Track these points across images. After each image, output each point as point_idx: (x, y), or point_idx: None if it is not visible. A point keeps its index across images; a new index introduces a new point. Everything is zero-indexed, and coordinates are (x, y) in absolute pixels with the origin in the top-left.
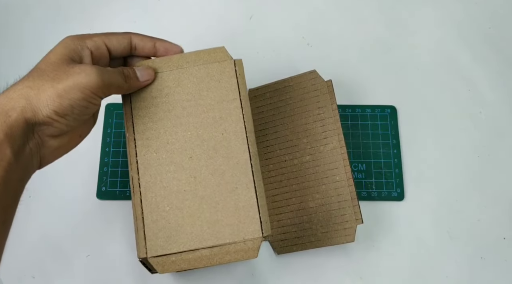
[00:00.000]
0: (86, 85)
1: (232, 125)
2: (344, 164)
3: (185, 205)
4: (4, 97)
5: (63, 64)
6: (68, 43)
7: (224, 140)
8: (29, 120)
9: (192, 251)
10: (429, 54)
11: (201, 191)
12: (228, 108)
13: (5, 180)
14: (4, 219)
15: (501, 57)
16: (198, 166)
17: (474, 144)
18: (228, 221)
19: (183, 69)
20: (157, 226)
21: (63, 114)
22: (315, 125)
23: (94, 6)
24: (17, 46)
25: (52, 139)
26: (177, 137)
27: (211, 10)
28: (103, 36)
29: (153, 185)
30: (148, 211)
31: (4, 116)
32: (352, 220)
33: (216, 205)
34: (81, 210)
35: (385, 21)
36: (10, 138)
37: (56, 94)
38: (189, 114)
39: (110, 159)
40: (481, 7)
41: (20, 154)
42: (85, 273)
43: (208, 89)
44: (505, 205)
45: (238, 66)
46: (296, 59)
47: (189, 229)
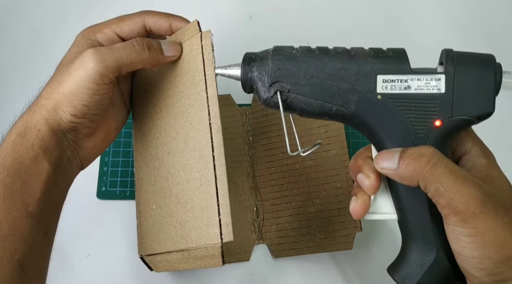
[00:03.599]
0: (89, 80)
1: (198, 112)
2: (346, 171)
3: (165, 203)
4: (29, 112)
5: (68, 63)
6: (79, 40)
7: (192, 130)
8: (56, 130)
9: (169, 253)
10: (429, 54)
11: (175, 189)
12: (195, 92)
13: (46, 192)
14: (46, 230)
15: (501, 57)
16: (174, 161)
17: None
18: (194, 223)
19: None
20: (148, 225)
21: (82, 115)
22: (319, 130)
23: (94, 6)
24: (16, 46)
25: (87, 140)
26: (160, 131)
27: (211, 9)
28: (114, 25)
29: (145, 182)
30: (142, 209)
31: (35, 131)
32: (351, 227)
33: (186, 205)
34: (81, 210)
35: (385, 20)
36: (46, 151)
37: (65, 98)
38: (168, 105)
39: (110, 159)
40: (481, 7)
41: (58, 164)
42: (85, 273)
43: (181, 74)
44: None
45: (204, 39)
46: None
47: (167, 229)
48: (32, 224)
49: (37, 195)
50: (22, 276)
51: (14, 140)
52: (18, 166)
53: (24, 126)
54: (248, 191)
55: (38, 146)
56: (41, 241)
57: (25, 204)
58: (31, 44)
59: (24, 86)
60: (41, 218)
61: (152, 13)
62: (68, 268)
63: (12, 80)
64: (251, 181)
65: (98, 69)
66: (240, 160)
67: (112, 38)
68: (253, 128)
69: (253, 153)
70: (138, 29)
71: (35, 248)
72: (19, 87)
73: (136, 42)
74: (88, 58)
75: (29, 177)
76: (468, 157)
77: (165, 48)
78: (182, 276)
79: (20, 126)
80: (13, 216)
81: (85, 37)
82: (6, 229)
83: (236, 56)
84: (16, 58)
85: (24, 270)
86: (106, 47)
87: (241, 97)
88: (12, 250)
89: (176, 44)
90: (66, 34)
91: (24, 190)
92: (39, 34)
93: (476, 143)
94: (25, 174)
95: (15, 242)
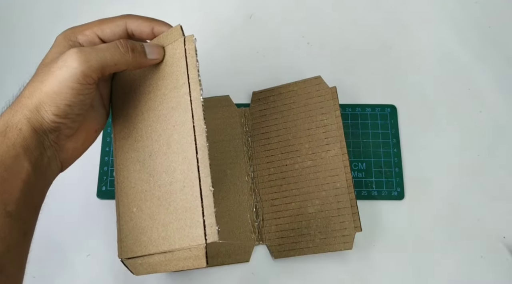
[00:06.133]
0: (72, 79)
1: (181, 115)
2: (345, 171)
3: (146, 206)
4: (10, 111)
5: (51, 62)
6: (60, 41)
7: (175, 132)
8: (38, 129)
9: (151, 256)
10: (429, 54)
11: (157, 191)
12: (178, 95)
13: (25, 192)
14: (24, 230)
15: (501, 56)
16: (155, 163)
17: (474, 143)
18: (177, 224)
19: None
20: (128, 228)
21: (64, 115)
22: (318, 131)
23: (94, 7)
24: (16, 46)
25: (68, 141)
26: (141, 133)
27: (211, 9)
28: (96, 27)
29: (125, 185)
30: (123, 212)
31: (16, 130)
32: (351, 227)
33: (168, 207)
34: (81, 209)
35: (385, 20)
36: (26, 151)
37: (48, 98)
38: (149, 108)
39: (110, 159)
40: (481, 6)
41: (38, 164)
42: (85, 273)
43: (163, 77)
44: (505, 204)
45: (188, 43)
46: (296, 58)
47: (149, 232)
48: (11, 223)
49: (16, 195)
50: (0, 276)
51: None
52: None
53: (5, 125)
54: (247, 192)
55: (19, 145)
56: (19, 241)
57: (4, 203)
58: (29, 44)
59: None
60: (20, 218)
61: (134, 17)
62: (68, 268)
63: (9, 80)
64: (250, 182)
65: (82, 69)
66: (239, 161)
67: (93, 40)
68: (252, 129)
69: (252, 154)
70: (120, 32)
71: (13, 248)
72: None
73: (120, 43)
74: (72, 58)
75: (9, 176)
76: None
77: (148, 51)
78: (182, 276)
79: (1, 125)
80: None
81: (66, 38)
82: None
83: (236, 56)
84: (14, 57)
85: (2, 270)
86: (90, 48)
87: (240, 98)
88: None
89: (159, 47)
90: None
91: (4, 189)
92: (37, 34)
93: None
94: (5, 172)
95: None
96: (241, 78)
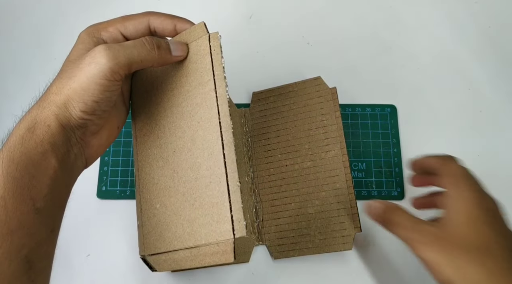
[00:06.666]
0: (100, 76)
1: (207, 111)
2: (345, 172)
3: (170, 202)
4: (38, 107)
5: (77, 58)
6: (84, 38)
7: (200, 129)
8: (66, 126)
9: (176, 251)
10: (429, 54)
11: (182, 187)
12: (203, 92)
13: (52, 188)
14: (52, 227)
15: (501, 56)
16: (179, 160)
17: (474, 142)
18: (204, 220)
19: None
20: (151, 224)
21: (92, 111)
22: (318, 131)
23: (93, 6)
24: (16, 46)
25: (93, 138)
26: (164, 130)
27: (211, 9)
28: (119, 24)
29: (148, 182)
30: (145, 209)
31: (44, 126)
32: (350, 228)
33: (194, 202)
34: (81, 209)
35: (385, 20)
36: (54, 147)
37: (76, 94)
38: (172, 105)
39: (110, 159)
40: (481, 6)
41: (65, 161)
42: (85, 273)
43: (187, 74)
44: (505, 204)
45: (212, 40)
46: (296, 58)
47: (174, 228)
48: (40, 220)
49: (44, 191)
50: (30, 272)
51: (23, 134)
52: (27, 160)
53: (33, 121)
54: (247, 193)
55: (47, 141)
56: (47, 237)
57: (33, 199)
58: (31, 44)
59: (24, 86)
60: (48, 214)
61: (157, 14)
62: (68, 268)
63: (12, 80)
64: (250, 182)
65: (110, 65)
66: (239, 162)
67: (116, 37)
68: (252, 130)
69: (252, 154)
70: (143, 29)
71: (42, 244)
72: (18, 86)
73: (146, 40)
74: (101, 54)
75: (37, 173)
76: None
77: (173, 48)
78: (182, 276)
79: (29, 120)
80: (21, 211)
81: (90, 34)
82: (15, 223)
83: (236, 55)
84: (15, 58)
85: (31, 266)
86: (117, 44)
87: (240, 98)
88: (20, 245)
89: (183, 44)
90: (66, 34)
91: (33, 185)
92: (39, 34)
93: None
94: (34, 169)
95: (23, 237)
96: (241, 78)
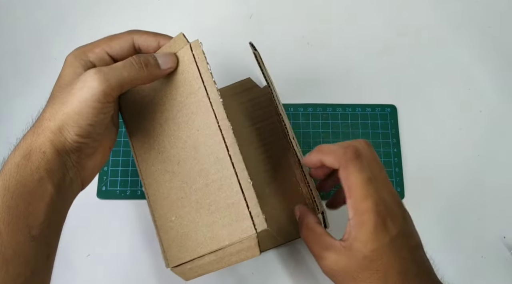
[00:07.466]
0: (93, 99)
1: (203, 118)
2: None
3: (185, 212)
4: (32, 134)
5: (69, 83)
6: (71, 61)
7: (201, 136)
8: (61, 151)
9: (201, 257)
10: (429, 54)
11: (194, 195)
12: (196, 100)
13: (49, 215)
14: (48, 252)
15: (501, 56)
16: (186, 170)
17: (474, 142)
18: (223, 222)
19: None
20: (169, 237)
21: (87, 134)
22: None
23: (93, 6)
24: (16, 46)
25: (89, 160)
26: (164, 145)
27: (211, 9)
28: (104, 44)
29: (158, 197)
30: (160, 224)
31: (40, 153)
32: None
33: (209, 207)
34: (81, 210)
35: (385, 20)
36: (50, 173)
37: (70, 119)
38: (167, 118)
39: (110, 159)
40: (481, 6)
41: (61, 186)
42: (85, 273)
43: (176, 86)
44: (505, 203)
45: (194, 48)
46: (296, 58)
47: (194, 236)
48: (36, 247)
49: (41, 218)
50: None
51: (19, 162)
52: (22, 188)
53: (28, 148)
54: (298, 169)
55: (43, 168)
56: (43, 264)
57: (29, 227)
58: (31, 44)
59: (24, 86)
60: (44, 241)
61: (140, 32)
62: (68, 268)
63: (12, 80)
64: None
65: (103, 88)
66: (279, 141)
67: (103, 58)
68: None
69: None
70: (128, 47)
71: (38, 272)
72: (18, 86)
73: (134, 60)
74: (92, 78)
75: (33, 200)
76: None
77: (162, 61)
78: None
79: (24, 148)
80: (17, 241)
81: (77, 57)
82: (10, 253)
83: (236, 55)
84: (16, 58)
85: None
86: (107, 67)
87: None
88: (15, 274)
89: (171, 55)
90: (66, 34)
91: (28, 213)
92: (39, 34)
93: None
94: (29, 196)
95: (18, 266)
96: (241, 78)
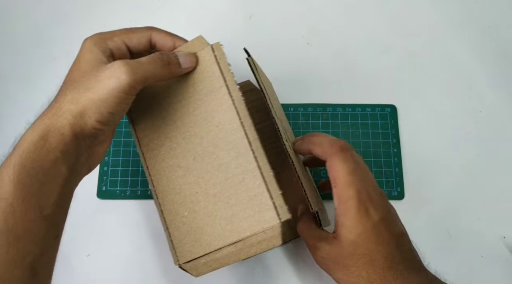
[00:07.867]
0: (119, 89)
1: (224, 115)
2: None
3: (200, 206)
4: (52, 115)
5: (93, 70)
6: (91, 47)
7: (220, 132)
8: (78, 135)
9: (219, 250)
10: (429, 54)
11: (212, 189)
12: (217, 98)
13: (60, 196)
14: (56, 233)
15: (501, 56)
16: (203, 165)
17: (474, 142)
18: (244, 214)
19: None
20: (181, 233)
21: (106, 121)
22: None
23: (93, 6)
24: (16, 46)
25: (100, 146)
26: (177, 141)
27: (211, 9)
28: (123, 35)
29: (168, 193)
30: (170, 220)
31: (58, 135)
32: None
33: (228, 201)
34: (81, 209)
35: (385, 20)
36: (65, 155)
37: (94, 105)
38: (182, 115)
39: (110, 159)
40: (481, 6)
41: (73, 169)
42: (85, 273)
43: (194, 84)
44: (505, 203)
45: (216, 50)
46: (296, 58)
47: (210, 230)
48: (46, 227)
49: (53, 199)
50: (33, 279)
51: (36, 142)
52: (38, 168)
53: (46, 129)
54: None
55: (59, 150)
56: (51, 244)
57: (41, 207)
58: (31, 44)
59: (24, 86)
60: (54, 221)
61: (158, 30)
62: (68, 268)
63: (12, 80)
64: None
65: (130, 80)
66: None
67: (121, 47)
68: None
69: None
70: (145, 42)
71: (46, 251)
72: (18, 86)
73: (158, 57)
74: (121, 70)
75: (47, 180)
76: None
77: (182, 61)
78: (182, 277)
79: (41, 128)
80: (29, 218)
81: (97, 44)
82: (21, 230)
83: (236, 55)
84: (16, 58)
85: (35, 273)
86: (134, 61)
87: None
88: (25, 252)
89: (192, 55)
90: (66, 34)
91: (42, 193)
92: (39, 34)
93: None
94: (44, 176)
95: (28, 244)
96: (241, 78)
